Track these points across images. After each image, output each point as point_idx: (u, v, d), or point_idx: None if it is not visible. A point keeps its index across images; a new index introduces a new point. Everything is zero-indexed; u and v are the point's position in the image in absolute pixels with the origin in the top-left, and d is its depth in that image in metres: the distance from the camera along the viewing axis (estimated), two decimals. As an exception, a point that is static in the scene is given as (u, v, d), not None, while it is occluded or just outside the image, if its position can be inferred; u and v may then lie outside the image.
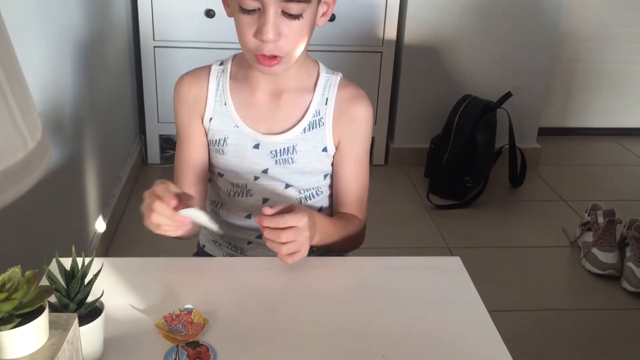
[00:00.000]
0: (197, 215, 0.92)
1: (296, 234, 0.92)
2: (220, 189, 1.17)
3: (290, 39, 0.97)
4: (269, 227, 0.92)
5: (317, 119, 1.09)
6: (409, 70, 2.76)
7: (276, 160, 1.10)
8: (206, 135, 1.12)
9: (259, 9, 0.94)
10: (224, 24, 2.49)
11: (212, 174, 1.17)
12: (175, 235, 0.96)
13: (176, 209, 0.90)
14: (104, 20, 2.20)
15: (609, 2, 3.13)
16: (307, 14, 0.97)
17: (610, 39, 3.19)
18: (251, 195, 1.14)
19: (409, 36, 2.71)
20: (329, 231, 1.04)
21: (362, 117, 1.11)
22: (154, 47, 2.58)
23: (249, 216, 1.16)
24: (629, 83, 3.29)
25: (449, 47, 2.74)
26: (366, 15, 2.62)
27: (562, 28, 2.96)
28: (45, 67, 1.52)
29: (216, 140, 1.11)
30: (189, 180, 1.14)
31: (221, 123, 1.10)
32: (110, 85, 2.29)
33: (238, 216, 1.16)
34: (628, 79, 3.28)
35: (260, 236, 1.17)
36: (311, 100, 1.09)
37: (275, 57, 0.98)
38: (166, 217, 0.90)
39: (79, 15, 1.84)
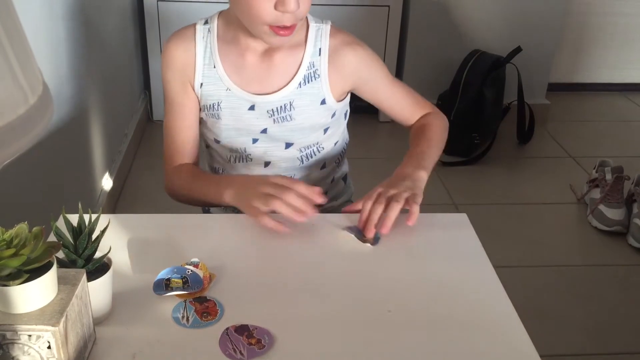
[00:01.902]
0: None
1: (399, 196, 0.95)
2: (219, 155, 1.16)
3: (305, 4, 0.95)
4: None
5: (311, 71, 1.06)
6: (417, 25, 2.72)
7: (274, 119, 1.08)
8: (198, 101, 1.10)
9: None
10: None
11: (208, 140, 1.16)
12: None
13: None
14: (106, -26, 2.16)
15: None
16: None
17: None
18: (251, 160, 1.13)
19: (417, -11, 2.65)
20: (424, 155, 1.07)
21: (363, 56, 1.09)
22: (157, 1, 2.54)
23: None
24: (638, 37, 3.23)
25: (458, 1, 2.69)
26: (373, -33, 2.56)
27: (574, -20, 2.90)
28: (44, 23, 1.50)
29: (210, 105, 1.08)
30: (187, 149, 1.11)
31: (212, 88, 1.07)
32: (114, 40, 2.26)
33: None
34: (638, 34, 3.22)
35: None
36: (304, 53, 1.06)
37: (289, 27, 0.96)
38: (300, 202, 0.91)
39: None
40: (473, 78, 2.53)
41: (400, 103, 1.16)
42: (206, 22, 1.08)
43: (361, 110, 1.62)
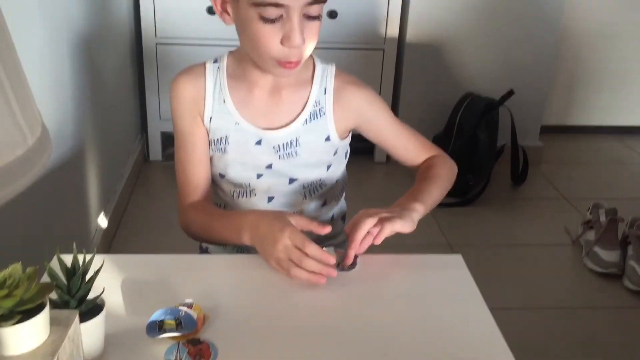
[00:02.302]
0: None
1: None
2: (223, 190, 1.16)
3: (310, 40, 0.98)
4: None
5: (317, 108, 1.09)
6: (411, 68, 2.76)
7: (280, 155, 1.10)
8: (207, 135, 1.11)
9: (281, 16, 0.94)
10: (226, 21, 2.49)
11: (213, 176, 1.16)
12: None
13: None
14: (105, 17, 2.20)
15: (611, 0, 3.11)
16: (321, 13, 0.98)
17: (612, 36, 3.18)
18: (255, 194, 1.14)
19: (411, 34, 2.70)
20: (423, 191, 1.10)
21: (366, 95, 1.12)
22: (156, 44, 2.58)
23: None
24: (631, 81, 3.28)
25: (451, 45, 2.74)
26: (368, 12, 2.62)
27: (564, 25, 2.96)
28: (45, 64, 1.52)
29: (217, 140, 1.10)
30: (200, 185, 1.12)
31: (221, 122, 1.09)
32: (112, 82, 2.29)
33: None
34: (630, 77, 3.27)
35: None
36: (310, 91, 1.09)
37: (295, 62, 0.98)
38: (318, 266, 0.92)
39: (80, 11, 1.84)
40: (467, 120, 2.56)
41: (405, 144, 1.18)
42: (216, 61, 1.11)
43: (357, 152, 1.63)
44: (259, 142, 1.09)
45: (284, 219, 0.95)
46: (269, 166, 1.11)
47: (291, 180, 1.13)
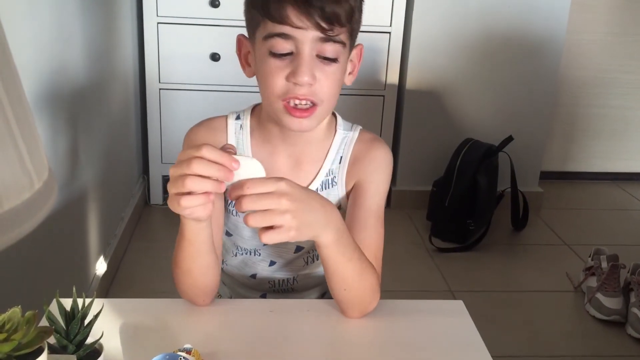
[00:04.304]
0: (254, 165, 0.79)
1: (269, 202, 0.77)
2: (224, 246, 1.12)
3: (324, 84, 0.90)
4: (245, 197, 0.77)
5: (330, 178, 1.04)
6: (411, 114, 2.79)
7: None
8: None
9: (292, 52, 0.89)
10: (230, 67, 2.54)
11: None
12: (202, 214, 0.81)
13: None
14: (110, 62, 2.23)
15: (608, 48, 3.17)
16: (341, 60, 0.92)
17: (609, 84, 3.23)
18: (259, 255, 1.10)
19: (411, 80, 2.74)
20: (348, 239, 0.89)
21: (380, 158, 1.03)
22: (160, 89, 2.61)
23: (253, 276, 1.12)
24: (629, 128, 3.32)
25: (451, 91, 2.77)
26: (369, 59, 2.66)
27: (562, 73, 3.00)
28: (47, 106, 1.54)
29: (230, 201, 1.03)
30: (218, 235, 1.03)
31: None
32: (115, 125, 2.31)
33: (243, 272, 1.13)
34: (628, 124, 3.31)
35: (264, 295, 1.14)
36: (324, 162, 1.03)
37: (306, 109, 0.91)
38: (206, 181, 0.76)
39: (85, 55, 1.87)
40: (466, 165, 2.58)
41: (362, 234, 0.97)
42: (238, 118, 1.04)
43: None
44: None
45: None
46: None
47: (298, 249, 1.09)
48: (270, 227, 0.78)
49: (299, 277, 1.13)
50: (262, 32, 0.91)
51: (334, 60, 0.90)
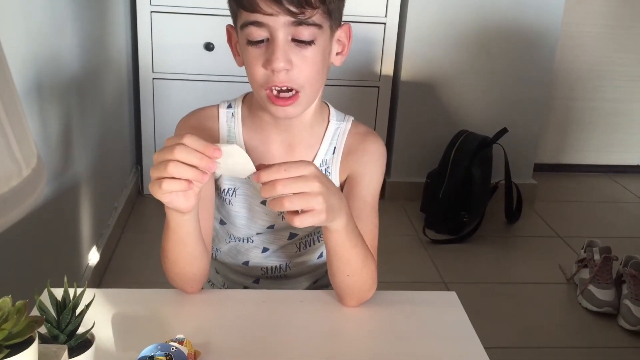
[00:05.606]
0: (238, 152, 0.77)
1: (303, 184, 0.77)
2: (217, 235, 1.12)
3: (302, 68, 0.89)
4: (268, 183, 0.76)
5: (323, 168, 1.03)
6: (406, 105, 2.79)
7: (282, 216, 1.04)
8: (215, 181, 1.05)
9: (267, 39, 0.88)
10: (224, 57, 2.53)
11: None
12: (183, 205, 0.82)
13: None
14: (103, 51, 2.22)
15: (603, 41, 3.17)
16: (319, 41, 0.90)
17: (604, 77, 3.23)
18: (252, 242, 1.10)
19: (405, 72, 2.73)
20: (354, 225, 0.89)
21: (374, 151, 1.03)
22: (153, 78, 2.60)
23: (246, 263, 1.12)
24: (623, 121, 3.32)
25: (446, 83, 2.77)
26: (364, 50, 2.65)
27: (557, 66, 3.00)
28: (40, 96, 1.53)
29: (225, 190, 1.05)
30: (208, 226, 1.03)
31: None
32: (108, 115, 2.30)
33: (236, 260, 1.13)
34: (622, 117, 3.32)
35: (257, 280, 1.14)
36: (318, 150, 1.03)
37: (289, 97, 0.90)
38: (188, 169, 0.75)
39: (78, 44, 1.86)
40: (461, 157, 2.58)
41: (357, 226, 0.93)
42: (229, 106, 1.04)
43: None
44: (263, 202, 1.04)
45: None
46: (271, 226, 1.07)
47: (292, 236, 1.09)
48: (295, 212, 0.78)
49: (291, 263, 1.13)
50: (239, 21, 0.91)
51: (309, 43, 0.89)
